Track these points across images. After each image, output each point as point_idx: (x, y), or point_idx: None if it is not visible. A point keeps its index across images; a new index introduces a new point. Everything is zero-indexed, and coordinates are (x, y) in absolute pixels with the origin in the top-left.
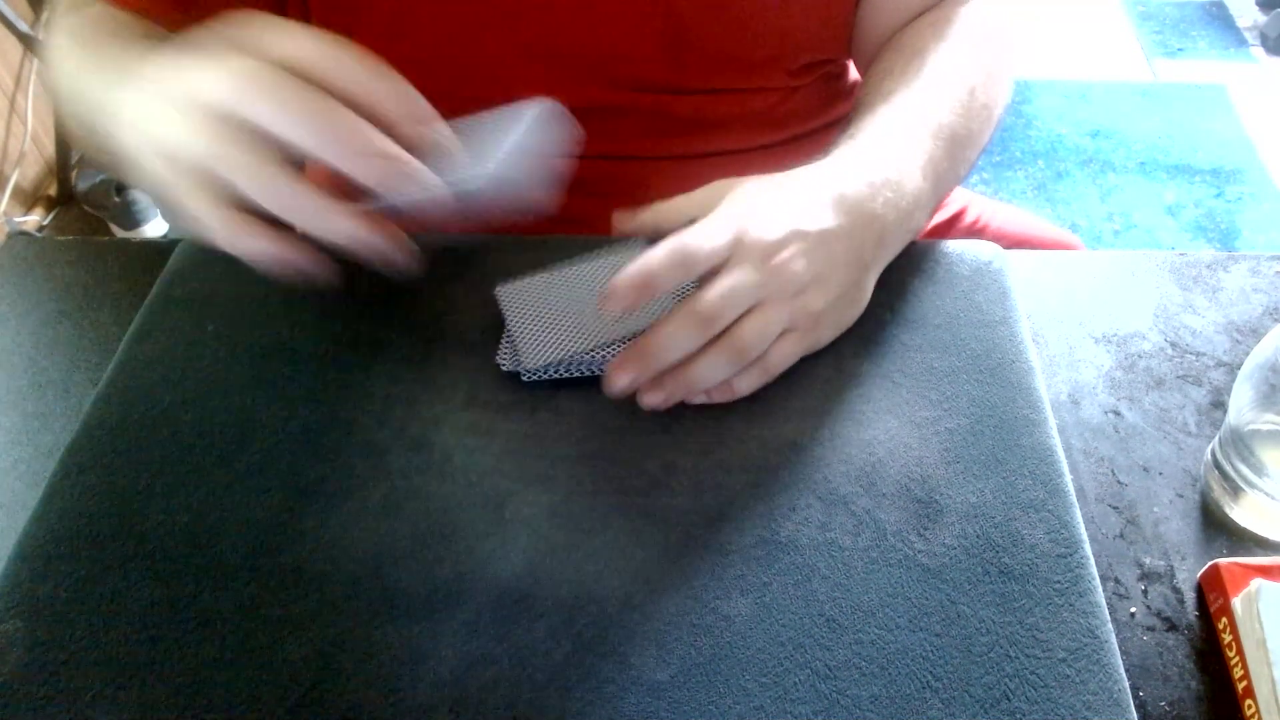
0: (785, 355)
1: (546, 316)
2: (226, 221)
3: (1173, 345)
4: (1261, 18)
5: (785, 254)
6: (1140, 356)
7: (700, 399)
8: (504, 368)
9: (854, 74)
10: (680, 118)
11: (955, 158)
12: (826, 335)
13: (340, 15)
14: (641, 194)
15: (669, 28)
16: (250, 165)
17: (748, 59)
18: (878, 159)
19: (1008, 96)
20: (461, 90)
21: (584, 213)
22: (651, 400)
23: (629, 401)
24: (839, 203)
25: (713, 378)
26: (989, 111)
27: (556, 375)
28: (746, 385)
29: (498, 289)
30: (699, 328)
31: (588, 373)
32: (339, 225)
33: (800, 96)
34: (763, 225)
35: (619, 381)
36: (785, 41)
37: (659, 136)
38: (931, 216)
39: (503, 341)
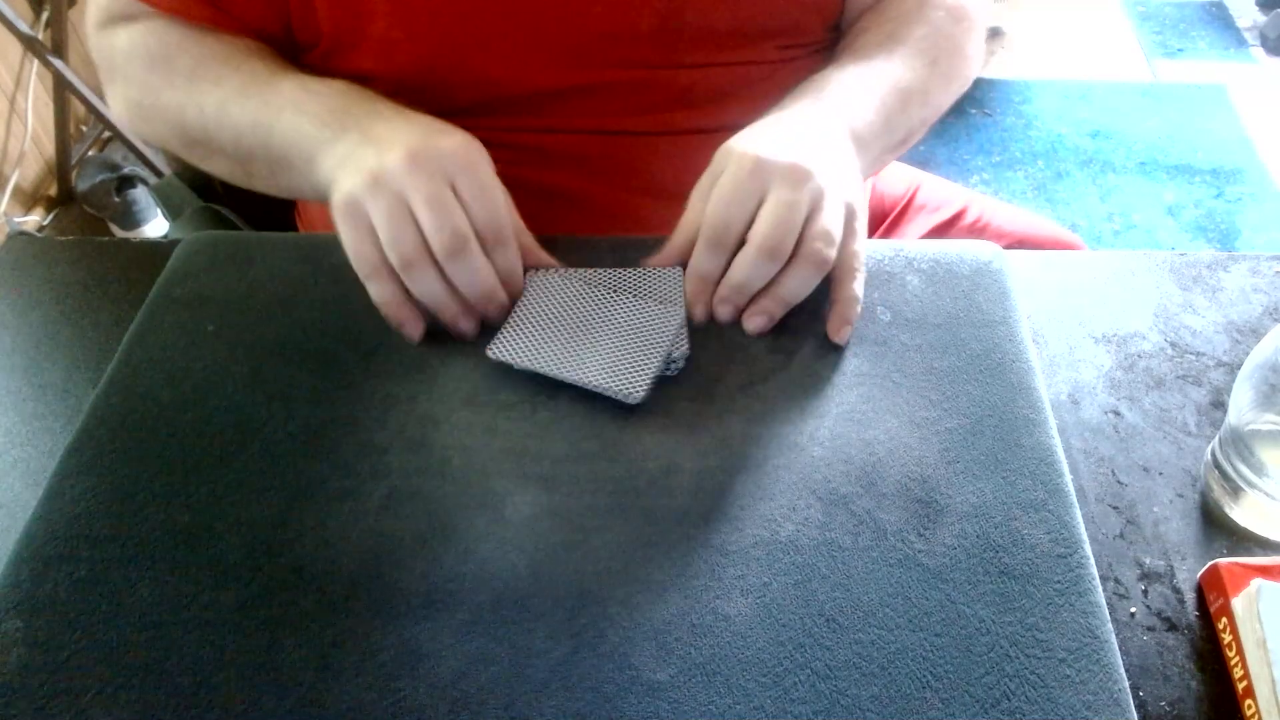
0: (850, 251)
1: (550, 326)
2: (374, 262)
3: (1173, 345)
4: (1261, 18)
5: (752, 145)
6: (1140, 356)
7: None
8: (489, 354)
9: None
10: (673, 93)
11: (908, 107)
12: (863, 204)
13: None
14: (636, 169)
15: (663, 7)
16: (435, 197)
17: (739, 34)
18: (825, 98)
19: (973, 71)
20: (459, 67)
21: (579, 189)
22: (755, 325)
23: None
24: (790, 119)
25: (805, 290)
26: (948, 81)
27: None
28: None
29: (529, 275)
30: (771, 259)
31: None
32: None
33: (790, 70)
34: (766, 149)
35: (722, 314)
36: (776, 16)
37: (652, 112)
38: (887, 151)
39: (503, 327)
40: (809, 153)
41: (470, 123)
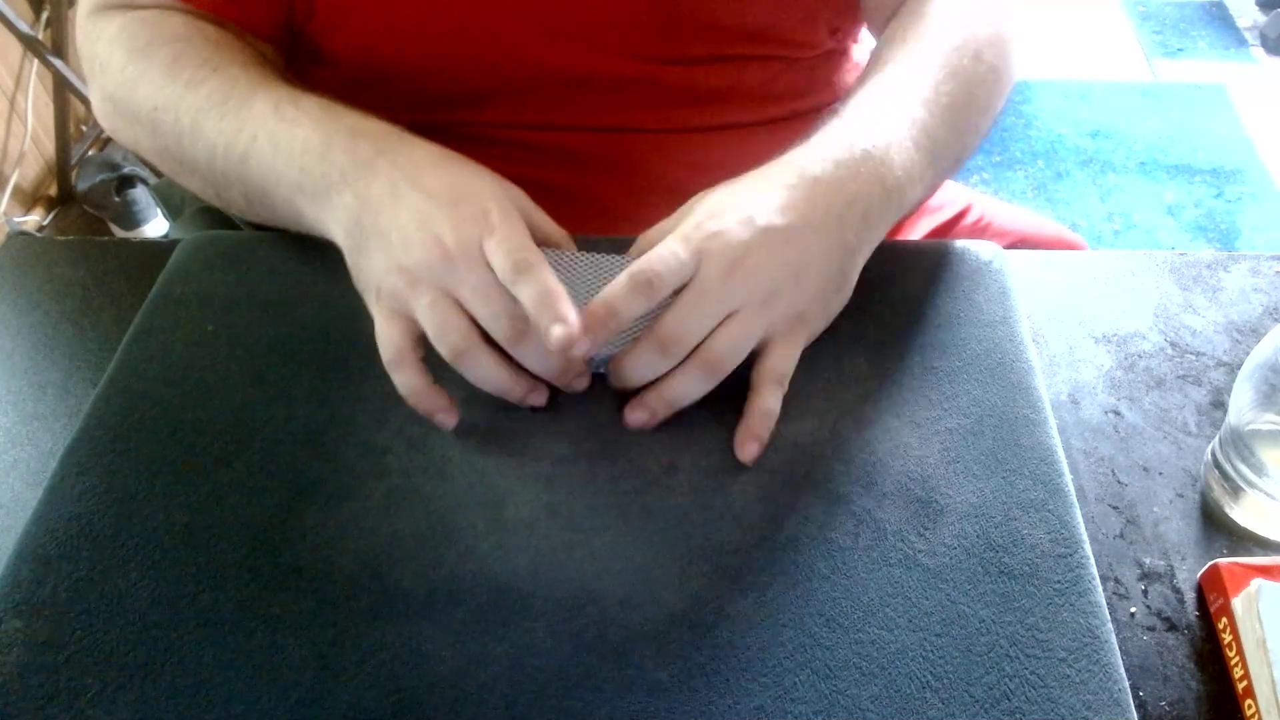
0: (781, 358)
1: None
2: (400, 351)
3: (1173, 345)
4: (1261, 18)
5: (753, 259)
6: (1140, 356)
7: (642, 416)
8: None
9: (857, 52)
10: (677, 89)
11: (957, 127)
12: (818, 326)
13: None
14: (637, 168)
15: None
16: (482, 290)
17: (739, 27)
18: (860, 135)
19: (1017, 60)
20: (458, 46)
21: (579, 186)
22: (634, 419)
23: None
24: (812, 190)
25: (688, 394)
26: (997, 75)
27: None
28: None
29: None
30: (661, 354)
31: None
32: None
33: (798, 71)
34: (727, 231)
35: (636, 419)
36: (776, 11)
37: (655, 109)
38: (932, 191)
39: None
40: (799, 258)
41: (470, 117)
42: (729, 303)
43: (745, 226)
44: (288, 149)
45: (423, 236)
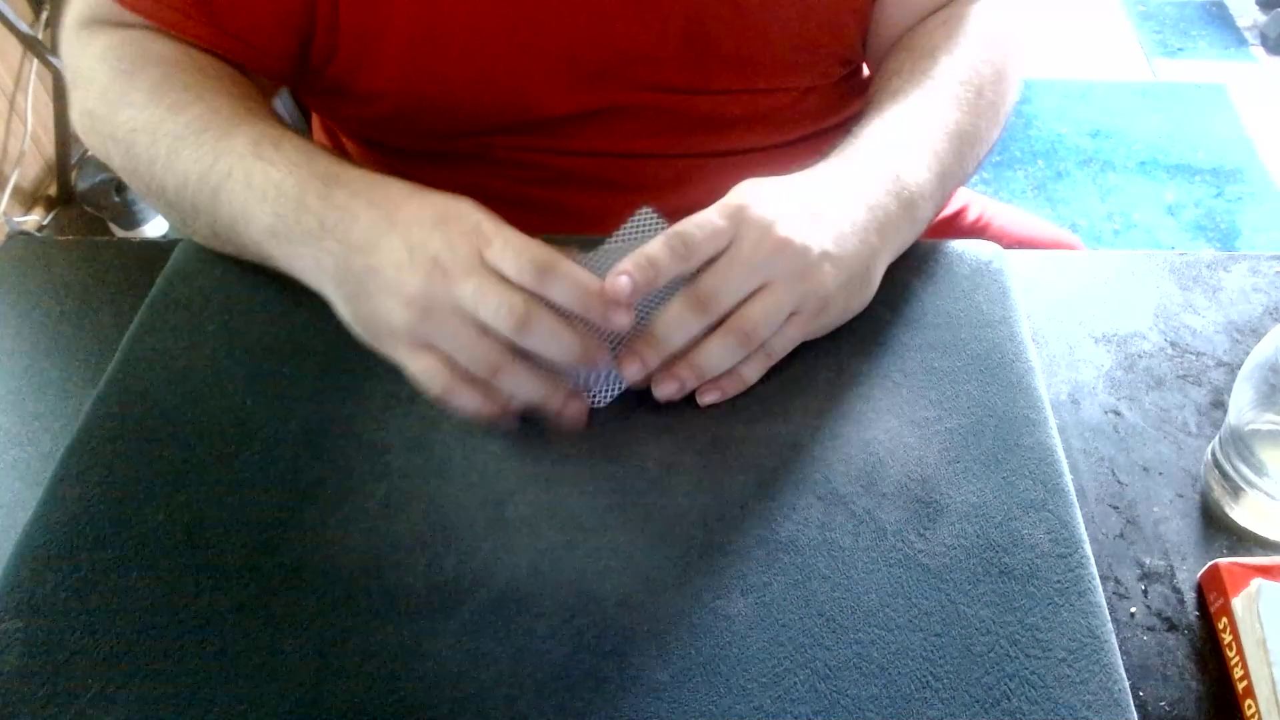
0: (789, 339)
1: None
2: (448, 380)
3: (1173, 345)
4: (1261, 18)
5: (792, 233)
6: (1140, 356)
7: (714, 396)
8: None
9: (867, 73)
10: (697, 117)
11: (961, 154)
12: (833, 319)
13: (369, 17)
14: (659, 192)
15: (689, 30)
16: (464, 345)
17: (766, 61)
18: (878, 153)
19: (1017, 94)
20: (481, 87)
21: (601, 209)
22: (664, 391)
23: (629, 401)
24: (842, 189)
25: (719, 363)
26: (996, 110)
27: None
28: (753, 372)
29: None
30: (697, 311)
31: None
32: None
33: (815, 96)
34: (768, 205)
35: (630, 369)
36: (803, 45)
37: (675, 135)
38: (938, 211)
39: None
40: (833, 243)
41: (491, 141)
42: (765, 271)
43: (785, 205)
44: (261, 190)
45: (418, 262)
